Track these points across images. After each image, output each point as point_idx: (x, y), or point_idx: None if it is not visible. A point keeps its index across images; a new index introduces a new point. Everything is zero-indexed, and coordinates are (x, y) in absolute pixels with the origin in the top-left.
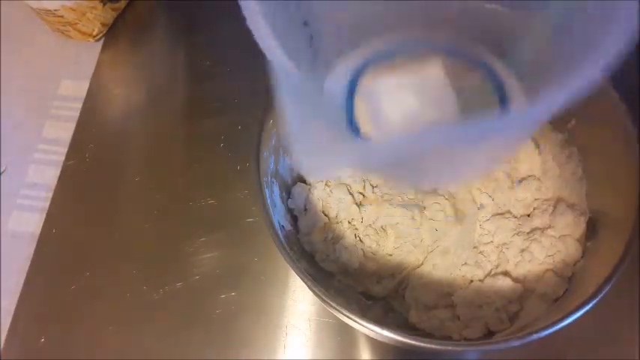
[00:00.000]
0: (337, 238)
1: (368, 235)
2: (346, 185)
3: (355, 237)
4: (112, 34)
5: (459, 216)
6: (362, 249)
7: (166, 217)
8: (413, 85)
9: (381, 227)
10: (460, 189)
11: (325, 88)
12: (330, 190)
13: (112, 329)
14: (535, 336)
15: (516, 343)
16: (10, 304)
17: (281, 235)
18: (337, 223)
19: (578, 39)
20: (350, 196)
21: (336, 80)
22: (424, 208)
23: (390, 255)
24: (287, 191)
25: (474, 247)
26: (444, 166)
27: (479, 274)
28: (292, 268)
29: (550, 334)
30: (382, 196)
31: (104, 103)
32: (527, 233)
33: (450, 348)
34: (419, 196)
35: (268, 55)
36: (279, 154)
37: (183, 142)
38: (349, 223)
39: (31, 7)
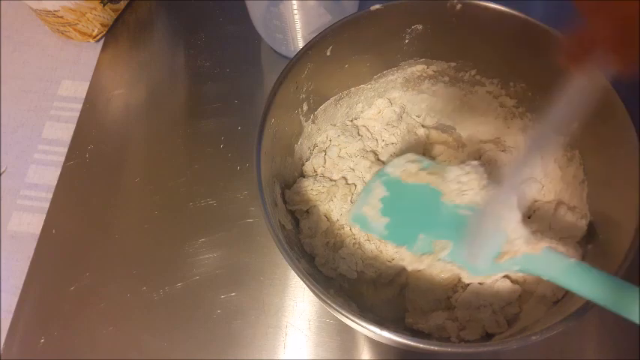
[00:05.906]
0: (338, 246)
1: (368, 240)
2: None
3: (354, 244)
4: (112, 34)
5: None
6: (361, 257)
7: (166, 218)
8: None
9: None
10: None
11: None
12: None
13: (112, 329)
14: (534, 338)
15: (515, 345)
16: (10, 304)
17: (281, 235)
18: (339, 228)
19: None
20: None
21: None
22: None
23: (390, 260)
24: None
25: None
26: None
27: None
28: (292, 268)
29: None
30: None
31: (104, 103)
32: None
33: (448, 349)
34: None
35: None
36: (280, 155)
37: (183, 142)
38: (350, 228)
39: (31, 8)
